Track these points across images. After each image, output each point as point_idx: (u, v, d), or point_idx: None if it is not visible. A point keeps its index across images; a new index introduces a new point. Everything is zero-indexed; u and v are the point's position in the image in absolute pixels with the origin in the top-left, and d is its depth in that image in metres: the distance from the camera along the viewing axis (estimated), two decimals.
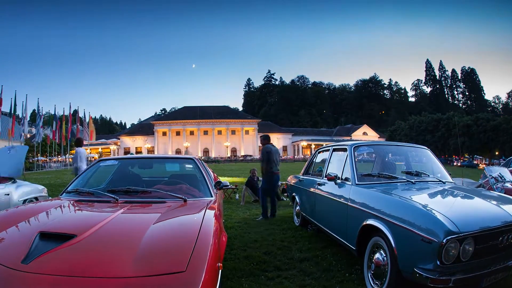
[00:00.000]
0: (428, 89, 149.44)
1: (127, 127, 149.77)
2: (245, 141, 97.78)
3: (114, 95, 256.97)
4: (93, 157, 69.36)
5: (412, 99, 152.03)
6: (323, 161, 6.23)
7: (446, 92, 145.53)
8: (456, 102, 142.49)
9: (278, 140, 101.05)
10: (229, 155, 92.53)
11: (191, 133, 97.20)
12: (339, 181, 4.99)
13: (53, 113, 48.82)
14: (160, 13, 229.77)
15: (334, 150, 5.90)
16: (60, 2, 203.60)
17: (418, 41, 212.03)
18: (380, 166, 5.48)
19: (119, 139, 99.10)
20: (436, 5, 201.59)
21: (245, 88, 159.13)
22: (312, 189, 6.18)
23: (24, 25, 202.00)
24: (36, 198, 7.11)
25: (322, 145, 8.86)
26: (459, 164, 60.54)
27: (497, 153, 67.77)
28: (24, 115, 39.94)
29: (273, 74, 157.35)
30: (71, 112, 50.38)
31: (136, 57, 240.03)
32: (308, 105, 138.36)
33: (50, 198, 5.65)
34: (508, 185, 7.58)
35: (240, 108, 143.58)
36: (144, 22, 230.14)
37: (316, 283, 4.16)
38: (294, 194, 7.63)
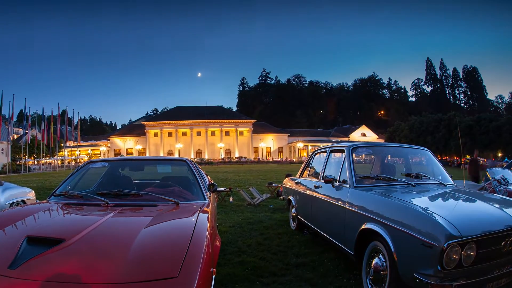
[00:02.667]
0: (428, 89, 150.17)
1: (118, 127, 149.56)
2: (240, 142, 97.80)
3: (104, 95, 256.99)
4: (82, 159, 69.37)
5: (412, 99, 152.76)
6: (320, 163, 6.23)
7: (447, 92, 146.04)
8: (457, 102, 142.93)
9: (273, 141, 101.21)
10: (223, 156, 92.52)
11: (184, 134, 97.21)
12: (336, 183, 5.00)
13: (41, 113, 48.72)
14: (151, 11, 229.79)
15: (332, 151, 5.90)
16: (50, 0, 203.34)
17: (419, 39, 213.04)
18: (379, 168, 5.48)
19: (109, 140, 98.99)
20: (436, 2, 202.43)
21: (240, 87, 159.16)
22: (308, 192, 6.19)
23: (12, 24, 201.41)
24: (24, 201, 7.06)
25: (319, 146, 8.88)
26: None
27: (500, 154, 68.02)
28: (10, 115, 39.84)
29: (268, 73, 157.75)
30: (60, 112, 50.22)
31: (126, 56, 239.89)
32: (305, 105, 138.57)
33: (38, 201, 5.63)
34: (511, 187, 7.59)
35: (235, 108, 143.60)
36: (134, 20, 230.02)
37: None
38: (290, 197, 7.63)
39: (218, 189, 4.61)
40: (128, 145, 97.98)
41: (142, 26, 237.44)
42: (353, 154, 5.06)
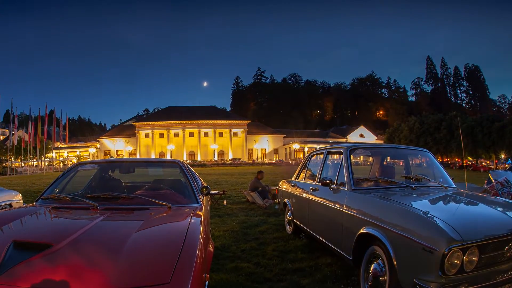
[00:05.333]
0: (429, 88, 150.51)
1: (107, 128, 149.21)
2: (234, 143, 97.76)
3: (93, 95, 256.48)
4: (70, 160, 69.09)
5: (412, 99, 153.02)
6: (317, 165, 6.22)
7: (448, 91, 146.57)
8: (459, 101, 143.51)
9: (268, 142, 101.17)
10: (216, 158, 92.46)
11: (176, 135, 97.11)
12: (334, 186, 4.99)
13: (28, 113, 48.56)
14: (143, 10, 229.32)
15: (329, 153, 5.90)
16: None
17: (419, 37, 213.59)
18: (378, 170, 5.49)
19: (98, 141, 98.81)
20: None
21: (234, 87, 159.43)
22: (305, 195, 6.18)
23: None
24: (10, 205, 7.04)
25: (316, 147, 8.88)
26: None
27: (503, 156, 68.25)
28: None
29: (263, 72, 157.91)
30: (47, 113, 50.03)
31: (117, 54, 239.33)
32: (301, 105, 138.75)
33: (25, 204, 5.61)
34: None
35: (228, 108, 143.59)
36: (125, 18, 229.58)
37: None
38: (285, 200, 7.62)
39: (211, 192, 4.59)
40: (118, 146, 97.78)
41: (134, 25, 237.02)
42: (351, 156, 5.06)
